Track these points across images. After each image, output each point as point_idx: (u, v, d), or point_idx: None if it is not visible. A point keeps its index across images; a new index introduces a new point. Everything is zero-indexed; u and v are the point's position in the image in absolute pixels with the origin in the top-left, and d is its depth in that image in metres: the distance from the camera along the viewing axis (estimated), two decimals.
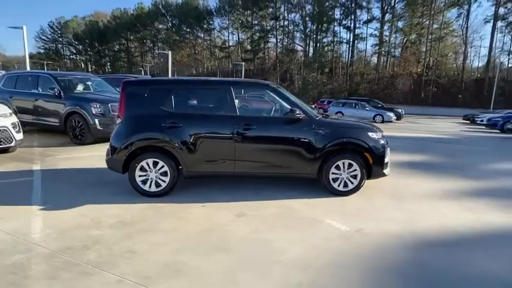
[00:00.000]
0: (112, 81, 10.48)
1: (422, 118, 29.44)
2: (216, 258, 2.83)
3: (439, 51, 42.76)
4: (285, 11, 52.69)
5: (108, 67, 74.27)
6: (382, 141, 4.48)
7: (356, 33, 47.35)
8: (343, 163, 4.35)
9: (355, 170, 4.38)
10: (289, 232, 3.37)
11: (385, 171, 4.50)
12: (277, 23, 53.06)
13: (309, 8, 49.92)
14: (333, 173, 4.37)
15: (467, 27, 40.29)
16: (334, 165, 4.34)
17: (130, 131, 4.19)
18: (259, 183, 4.84)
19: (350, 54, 49.02)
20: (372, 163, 4.38)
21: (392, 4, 44.31)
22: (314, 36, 49.93)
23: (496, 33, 38.17)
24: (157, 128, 4.16)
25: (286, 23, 53.12)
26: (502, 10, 36.63)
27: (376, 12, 46.42)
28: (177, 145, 4.13)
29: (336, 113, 21.46)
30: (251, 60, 56.69)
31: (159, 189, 4.22)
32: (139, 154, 4.15)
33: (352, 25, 46.82)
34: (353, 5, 46.21)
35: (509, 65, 37.47)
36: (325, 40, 49.98)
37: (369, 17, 46.08)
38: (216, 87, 4.45)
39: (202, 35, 65.09)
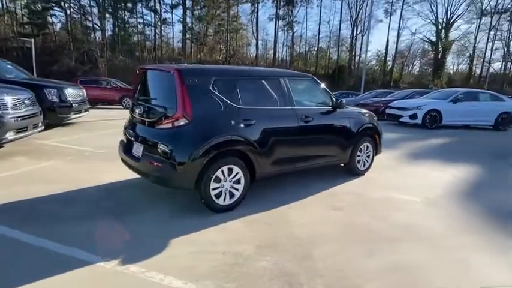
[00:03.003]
0: None
1: None
2: (411, 248, 2.93)
3: (237, 42, 48.35)
4: None
5: None
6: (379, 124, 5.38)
7: (163, 17, 46.62)
8: (364, 146, 4.99)
9: (370, 150, 5.12)
10: (396, 213, 3.74)
11: (382, 149, 5.45)
12: None
13: None
14: (357, 156, 4.93)
15: (257, 23, 47.33)
16: (359, 148, 4.91)
17: (205, 134, 3.28)
18: (289, 177, 4.77)
19: (157, 38, 47.98)
20: (378, 143, 5.22)
21: None
22: (117, 15, 45.57)
23: (277, 30, 46.78)
24: (233, 127, 3.45)
25: None
26: (281, 11, 45.27)
27: None
28: (252, 145, 3.58)
29: None
30: (33, 35, 45.88)
31: (233, 200, 3.57)
32: (214, 162, 3.34)
33: (159, 8, 45.66)
34: None
35: (288, 58, 47.08)
36: (130, 21, 46.57)
37: (174, 2, 46.19)
38: (274, 79, 4.01)
39: None
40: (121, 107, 16.46)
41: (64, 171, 4.75)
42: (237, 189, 3.58)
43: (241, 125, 3.50)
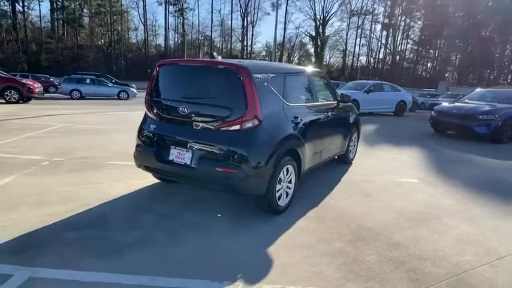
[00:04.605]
0: None
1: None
2: (453, 223, 3.45)
3: (121, 26, 44.17)
4: None
5: None
6: None
7: None
8: (354, 136, 5.45)
9: (356, 139, 5.62)
10: (413, 194, 4.29)
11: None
12: None
13: None
14: (350, 146, 5.36)
15: (144, 6, 44.08)
16: (352, 138, 5.34)
17: (274, 135, 3.12)
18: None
19: (19, 16, 39.97)
20: (359, 132, 5.77)
21: None
22: None
23: (168, 15, 44.60)
24: (290, 125, 3.38)
25: None
26: None
27: None
28: (302, 143, 3.58)
29: (72, 90, 18.45)
30: None
31: (287, 200, 3.52)
32: (280, 162, 3.22)
33: None
34: None
35: (180, 45, 45.43)
36: None
37: None
38: (303, 75, 4.01)
39: None
40: (3, 101, 13.44)
41: (45, 187, 3.76)
42: (289, 188, 3.53)
43: (294, 123, 3.45)
